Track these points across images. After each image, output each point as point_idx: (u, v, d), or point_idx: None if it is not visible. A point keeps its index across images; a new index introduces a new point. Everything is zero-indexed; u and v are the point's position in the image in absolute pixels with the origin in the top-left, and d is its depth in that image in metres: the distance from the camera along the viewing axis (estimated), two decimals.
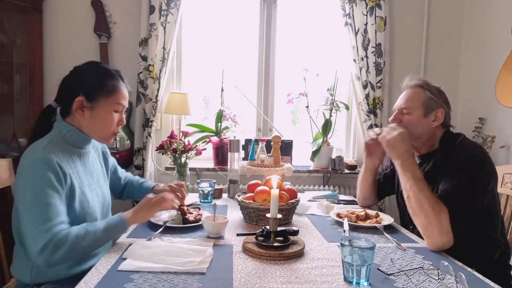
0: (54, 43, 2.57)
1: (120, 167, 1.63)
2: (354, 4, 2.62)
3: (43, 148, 1.16)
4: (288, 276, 1.01)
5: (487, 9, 2.63)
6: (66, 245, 1.06)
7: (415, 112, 1.42)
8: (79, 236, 1.09)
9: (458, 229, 1.20)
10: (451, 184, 1.27)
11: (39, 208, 1.08)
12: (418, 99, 1.42)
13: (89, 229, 1.13)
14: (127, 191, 1.64)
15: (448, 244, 1.20)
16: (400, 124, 1.45)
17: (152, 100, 2.54)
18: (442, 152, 1.39)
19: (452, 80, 2.85)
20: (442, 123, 1.42)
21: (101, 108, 1.26)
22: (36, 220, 1.07)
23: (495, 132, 2.45)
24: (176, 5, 2.51)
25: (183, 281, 0.95)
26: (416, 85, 1.46)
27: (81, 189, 1.24)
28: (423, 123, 1.41)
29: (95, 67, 1.30)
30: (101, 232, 1.14)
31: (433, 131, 1.43)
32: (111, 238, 1.20)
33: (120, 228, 1.20)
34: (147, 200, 1.28)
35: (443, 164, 1.36)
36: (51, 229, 1.06)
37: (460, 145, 1.37)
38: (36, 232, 1.06)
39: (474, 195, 1.26)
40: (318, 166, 2.71)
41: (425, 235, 1.24)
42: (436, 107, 1.41)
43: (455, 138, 1.41)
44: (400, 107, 1.47)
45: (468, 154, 1.32)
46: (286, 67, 2.90)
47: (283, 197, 1.46)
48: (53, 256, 1.06)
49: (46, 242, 1.05)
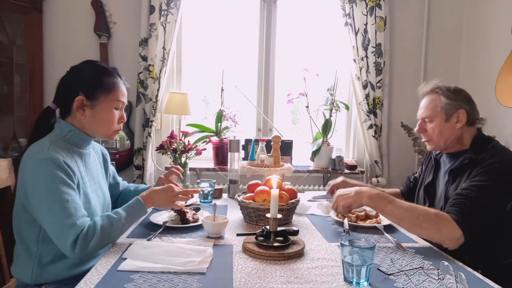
0: (54, 43, 2.57)
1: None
2: (354, 4, 2.62)
3: (47, 148, 1.16)
4: (288, 276, 1.01)
5: (487, 9, 2.63)
6: (96, 235, 1.11)
7: (437, 119, 1.43)
8: (105, 224, 1.14)
9: (469, 228, 1.20)
10: (473, 184, 1.28)
11: (59, 206, 1.10)
12: (436, 106, 1.43)
13: (113, 216, 1.18)
14: (123, 196, 1.60)
15: (460, 238, 1.19)
16: (425, 133, 1.48)
17: (152, 100, 2.54)
18: (472, 153, 1.38)
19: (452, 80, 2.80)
20: (467, 121, 1.42)
21: (101, 106, 1.26)
22: (59, 217, 1.09)
23: (495, 132, 2.45)
24: (176, 5, 2.51)
25: (183, 281, 0.95)
26: (431, 90, 1.47)
27: (83, 189, 1.24)
28: (447, 128, 1.42)
29: (92, 65, 1.30)
30: (125, 217, 1.19)
31: (460, 132, 1.42)
32: (134, 222, 1.26)
33: (140, 211, 1.25)
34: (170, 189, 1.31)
35: (470, 165, 1.36)
36: (76, 223, 1.10)
37: (491, 149, 1.37)
38: (63, 229, 1.09)
39: (494, 198, 1.25)
40: (318, 166, 2.71)
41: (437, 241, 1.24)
42: (456, 109, 1.41)
43: (487, 141, 1.41)
44: (422, 117, 1.49)
45: (498, 158, 1.31)
46: (286, 67, 2.90)
47: (283, 197, 1.46)
48: (86, 248, 1.09)
49: (75, 236, 1.08)
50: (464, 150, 1.43)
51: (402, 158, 2.85)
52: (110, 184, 1.52)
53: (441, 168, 1.55)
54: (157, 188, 1.32)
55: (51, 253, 1.19)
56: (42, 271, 1.19)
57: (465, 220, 1.21)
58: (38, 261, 1.19)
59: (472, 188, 1.27)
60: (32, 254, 1.19)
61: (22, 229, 1.21)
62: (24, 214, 1.19)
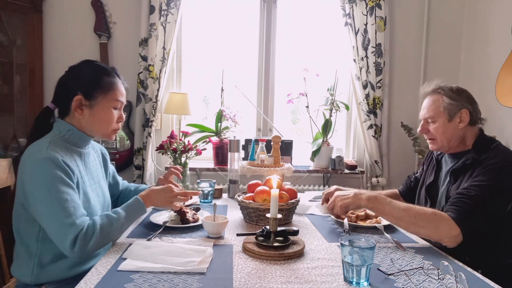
0: (54, 43, 2.57)
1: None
2: (354, 4, 2.62)
3: (46, 147, 1.16)
4: (288, 276, 1.01)
5: (487, 9, 2.63)
6: (95, 235, 1.11)
7: (439, 119, 1.44)
8: (104, 224, 1.14)
9: (467, 225, 1.20)
10: (474, 184, 1.28)
11: (58, 206, 1.10)
12: (438, 106, 1.44)
13: (112, 215, 1.18)
14: (123, 196, 1.59)
15: (458, 236, 1.20)
16: (428, 133, 1.48)
17: (152, 100, 2.54)
18: (474, 153, 1.39)
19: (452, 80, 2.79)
20: (469, 121, 1.42)
21: (100, 105, 1.26)
22: (58, 217, 1.09)
23: (495, 132, 2.45)
24: (176, 5, 2.51)
25: (183, 281, 0.95)
26: (433, 91, 1.48)
27: (83, 188, 1.24)
28: (450, 128, 1.42)
29: (90, 65, 1.30)
30: (124, 217, 1.19)
31: (463, 131, 1.43)
32: (133, 221, 1.26)
33: (140, 211, 1.25)
34: (169, 189, 1.31)
35: (472, 165, 1.36)
36: (76, 223, 1.09)
37: (493, 150, 1.37)
38: (62, 229, 1.09)
39: (495, 198, 1.26)
40: (318, 166, 2.71)
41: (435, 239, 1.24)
42: (459, 109, 1.41)
43: (489, 142, 1.41)
44: (424, 117, 1.49)
45: (500, 159, 1.32)
46: (286, 67, 2.90)
47: (283, 197, 1.46)
48: (85, 247, 1.09)
49: (74, 235, 1.08)
50: (466, 150, 1.43)
51: (402, 158, 2.85)
52: (110, 184, 1.52)
53: (442, 168, 1.55)
54: (157, 188, 1.33)
55: (51, 253, 1.19)
56: (42, 271, 1.19)
57: (462, 218, 1.21)
58: (38, 261, 1.19)
59: (472, 187, 1.27)
60: (32, 254, 1.19)
61: (22, 229, 1.21)
62: (24, 213, 1.19)
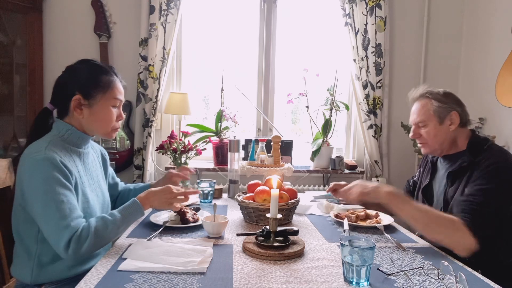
0: (54, 43, 2.57)
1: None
2: (354, 4, 2.62)
3: (44, 148, 1.15)
4: (288, 276, 1.01)
5: (487, 9, 2.63)
6: (90, 237, 1.10)
7: (430, 123, 1.44)
8: (99, 226, 1.13)
9: (483, 235, 1.21)
10: (479, 189, 1.28)
11: (54, 207, 1.09)
12: (428, 110, 1.44)
13: (108, 218, 1.16)
14: (122, 196, 1.59)
15: (472, 245, 1.20)
16: (420, 138, 1.48)
17: (152, 100, 2.54)
18: (469, 155, 1.39)
19: (452, 80, 2.84)
20: (460, 123, 1.43)
21: (98, 104, 1.26)
22: (53, 218, 1.09)
23: (495, 132, 2.45)
24: (176, 5, 2.51)
25: (183, 281, 0.95)
26: (421, 95, 1.49)
27: (82, 189, 1.24)
28: (442, 131, 1.43)
29: (88, 64, 1.30)
30: (120, 219, 1.17)
31: (454, 133, 1.44)
32: (130, 224, 1.24)
33: (137, 213, 1.22)
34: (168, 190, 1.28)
35: (469, 167, 1.37)
36: (71, 225, 1.09)
37: (488, 151, 1.37)
38: (57, 230, 1.08)
39: (500, 201, 1.27)
40: (318, 166, 2.71)
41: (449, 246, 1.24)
42: (448, 111, 1.42)
43: (483, 143, 1.41)
44: (415, 122, 1.49)
45: (496, 160, 1.32)
46: (286, 67, 2.90)
47: (283, 197, 1.46)
48: (79, 250, 1.09)
49: (69, 237, 1.08)
50: (461, 152, 1.44)
51: (402, 158, 2.85)
52: (109, 185, 1.52)
53: (437, 170, 1.56)
54: (155, 189, 1.30)
55: (50, 253, 1.18)
56: (41, 271, 1.19)
57: (478, 228, 1.21)
58: (38, 261, 1.19)
59: (478, 192, 1.28)
60: (32, 254, 1.19)
61: (21, 229, 1.21)
62: (22, 214, 1.18)
